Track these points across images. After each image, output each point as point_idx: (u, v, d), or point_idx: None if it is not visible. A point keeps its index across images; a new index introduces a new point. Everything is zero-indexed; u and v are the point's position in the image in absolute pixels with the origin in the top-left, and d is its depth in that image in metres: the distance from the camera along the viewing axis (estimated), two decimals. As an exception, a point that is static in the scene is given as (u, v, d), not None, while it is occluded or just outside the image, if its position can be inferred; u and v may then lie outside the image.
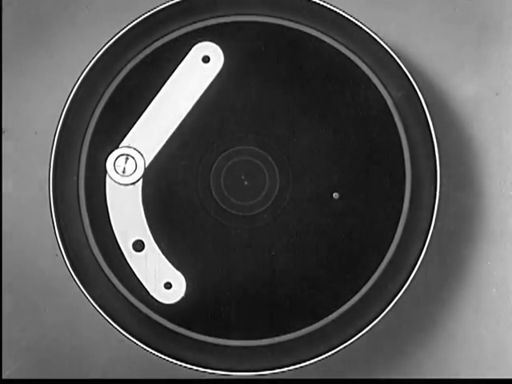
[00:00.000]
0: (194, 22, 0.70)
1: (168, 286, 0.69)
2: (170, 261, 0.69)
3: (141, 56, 0.70)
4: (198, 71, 0.69)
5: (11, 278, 0.78)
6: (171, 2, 0.70)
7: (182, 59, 0.69)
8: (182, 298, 0.69)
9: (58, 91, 0.76)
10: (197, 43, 0.69)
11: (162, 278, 0.69)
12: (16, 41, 0.78)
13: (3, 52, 0.78)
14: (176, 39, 0.70)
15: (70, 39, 0.78)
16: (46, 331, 0.78)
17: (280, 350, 0.70)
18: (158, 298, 0.69)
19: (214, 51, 0.70)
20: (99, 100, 0.70)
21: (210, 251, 0.70)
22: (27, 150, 0.77)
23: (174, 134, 0.69)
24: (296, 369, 0.69)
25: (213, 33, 0.70)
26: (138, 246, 0.69)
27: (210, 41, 0.70)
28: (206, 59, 0.69)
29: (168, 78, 0.69)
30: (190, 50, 0.69)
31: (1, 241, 0.77)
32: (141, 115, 0.69)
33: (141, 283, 0.69)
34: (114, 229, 0.69)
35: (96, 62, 0.70)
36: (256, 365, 0.70)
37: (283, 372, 0.69)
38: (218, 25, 0.70)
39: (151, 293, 0.69)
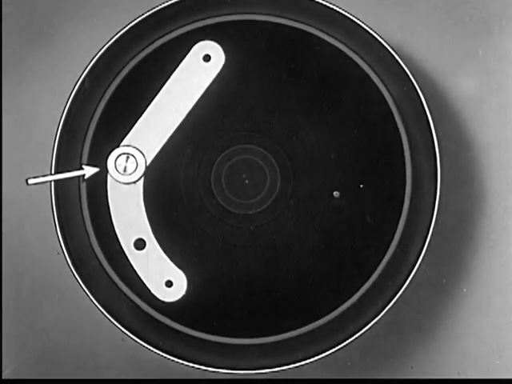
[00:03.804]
0: (196, 21, 0.70)
1: (169, 284, 0.69)
2: (171, 259, 0.69)
3: (142, 55, 0.70)
4: (198, 70, 0.70)
5: (12, 277, 0.78)
6: (172, 1, 0.70)
7: (183, 58, 0.70)
8: (183, 296, 0.69)
9: (59, 90, 0.76)
10: (198, 42, 0.70)
11: (163, 276, 0.69)
12: (16, 40, 0.78)
13: (3, 51, 0.78)
14: (177, 38, 0.70)
15: (70, 38, 0.78)
16: (47, 330, 0.78)
17: (279, 349, 0.70)
18: (158, 296, 0.69)
19: (214, 50, 0.70)
20: (100, 99, 0.70)
21: (211, 249, 0.70)
22: (28, 149, 0.77)
23: (175, 132, 0.70)
24: (296, 367, 0.69)
25: (214, 32, 0.70)
26: (140, 244, 0.69)
27: (211, 39, 0.70)
28: (206, 58, 0.70)
29: (169, 76, 0.70)
30: (190, 48, 0.70)
31: (1, 239, 0.77)
32: (142, 114, 0.69)
33: (142, 281, 0.69)
34: (116, 227, 0.69)
35: (97, 61, 0.70)
36: (256, 363, 0.70)
37: (283, 371, 0.69)
38: (219, 23, 0.70)
39: (152, 291, 0.69)
